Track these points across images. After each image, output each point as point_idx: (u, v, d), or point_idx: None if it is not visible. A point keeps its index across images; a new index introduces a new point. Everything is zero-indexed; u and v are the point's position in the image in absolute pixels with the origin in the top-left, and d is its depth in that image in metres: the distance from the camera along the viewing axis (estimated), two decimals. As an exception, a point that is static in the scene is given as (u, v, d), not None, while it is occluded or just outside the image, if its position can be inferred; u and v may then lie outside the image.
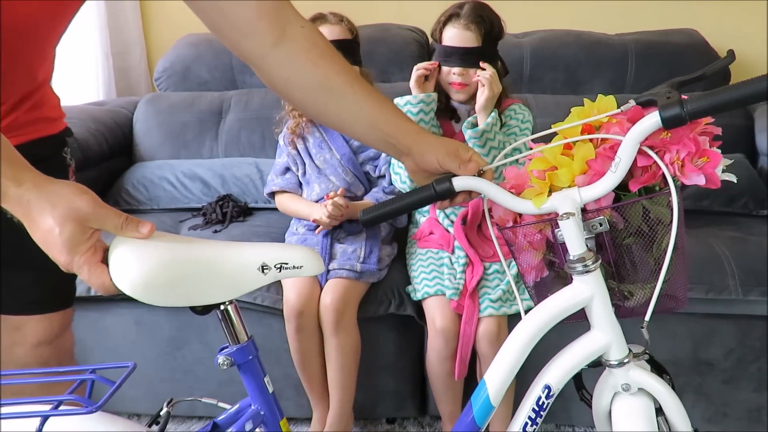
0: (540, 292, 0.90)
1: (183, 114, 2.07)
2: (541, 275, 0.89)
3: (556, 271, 0.87)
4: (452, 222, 1.51)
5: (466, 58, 1.41)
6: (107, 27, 2.33)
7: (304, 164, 1.62)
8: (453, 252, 1.48)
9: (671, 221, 0.75)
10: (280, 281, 1.44)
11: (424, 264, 1.49)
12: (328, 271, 1.44)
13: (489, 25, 1.42)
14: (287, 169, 1.66)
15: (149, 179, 1.92)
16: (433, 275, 1.44)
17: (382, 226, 1.59)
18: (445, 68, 1.45)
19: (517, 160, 0.88)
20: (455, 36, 1.42)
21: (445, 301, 1.38)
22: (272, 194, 1.69)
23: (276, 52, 0.79)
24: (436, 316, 1.36)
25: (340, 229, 1.56)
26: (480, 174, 0.81)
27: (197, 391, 1.56)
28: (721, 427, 1.50)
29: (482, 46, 1.41)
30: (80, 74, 2.27)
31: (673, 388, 0.82)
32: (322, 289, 1.43)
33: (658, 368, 0.86)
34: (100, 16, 2.30)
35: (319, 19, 1.53)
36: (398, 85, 1.99)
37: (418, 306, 1.46)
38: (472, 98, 1.44)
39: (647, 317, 0.78)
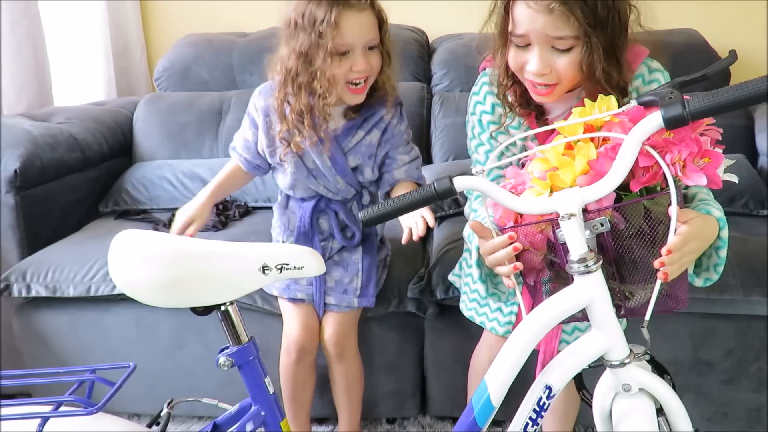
0: (540, 292, 0.90)
1: (183, 114, 2.07)
2: (542, 275, 0.89)
3: (556, 272, 0.87)
4: None
5: None
6: (107, 27, 2.33)
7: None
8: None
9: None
10: (278, 308, 1.40)
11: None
12: (325, 304, 1.36)
13: None
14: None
15: (149, 179, 1.91)
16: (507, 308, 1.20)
17: (380, 249, 1.47)
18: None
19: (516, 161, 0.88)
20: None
21: None
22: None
23: None
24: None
25: (332, 240, 1.40)
26: None
27: (197, 392, 1.55)
28: (721, 427, 1.50)
29: None
30: (80, 74, 2.27)
31: (674, 388, 0.82)
32: (320, 319, 1.37)
33: (658, 368, 0.85)
34: (100, 16, 2.30)
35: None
36: (399, 85, 1.98)
37: (419, 303, 1.45)
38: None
39: (647, 317, 0.78)
